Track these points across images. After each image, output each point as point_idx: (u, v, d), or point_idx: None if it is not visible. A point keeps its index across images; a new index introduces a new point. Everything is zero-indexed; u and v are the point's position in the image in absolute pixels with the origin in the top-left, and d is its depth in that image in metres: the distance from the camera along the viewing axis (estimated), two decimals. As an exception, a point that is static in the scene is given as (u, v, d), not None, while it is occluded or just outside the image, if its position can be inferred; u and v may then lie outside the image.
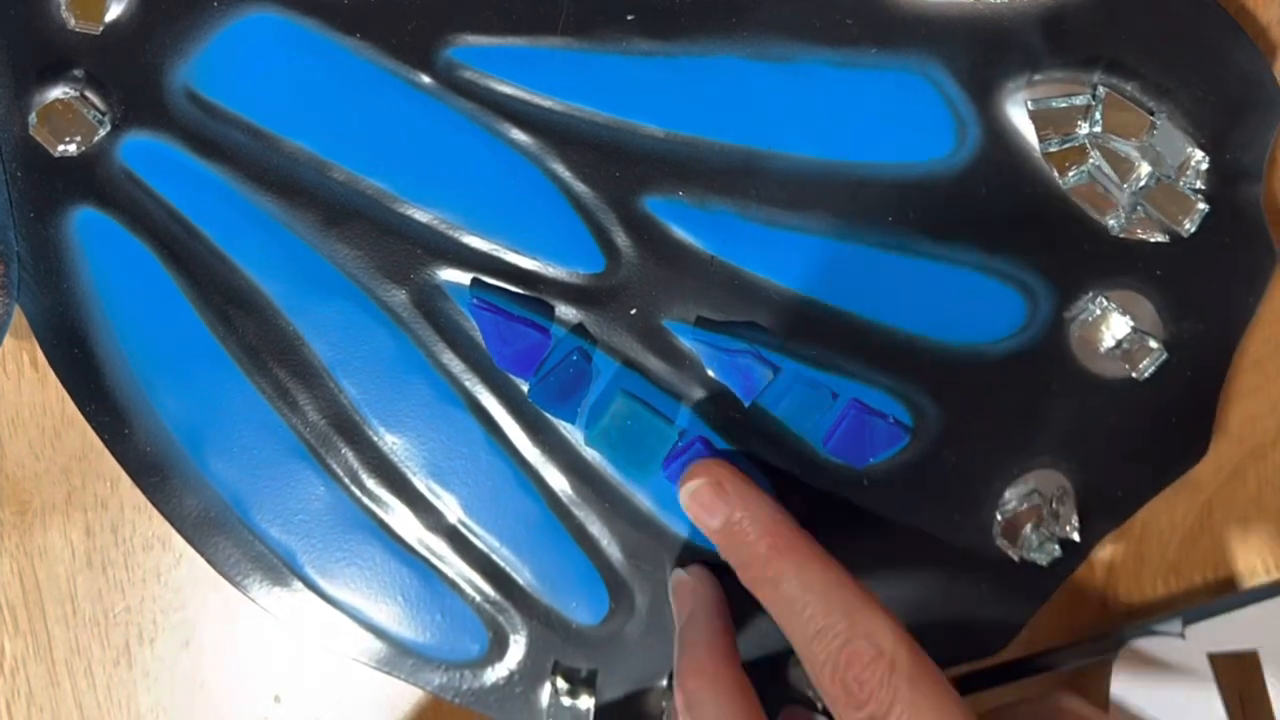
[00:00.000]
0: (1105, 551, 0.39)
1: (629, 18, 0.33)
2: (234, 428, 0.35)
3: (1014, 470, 0.36)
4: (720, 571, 0.36)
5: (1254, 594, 0.36)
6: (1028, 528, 0.36)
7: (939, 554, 0.36)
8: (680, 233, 0.34)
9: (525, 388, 0.35)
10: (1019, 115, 0.33)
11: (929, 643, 0.36)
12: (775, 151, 0.34)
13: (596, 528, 0.36)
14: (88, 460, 0.37)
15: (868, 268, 0.34)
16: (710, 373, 0.34)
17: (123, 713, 0.39)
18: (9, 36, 0.33)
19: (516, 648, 0.37)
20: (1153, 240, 0.34)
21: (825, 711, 0.37)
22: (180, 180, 0.34)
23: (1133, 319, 0.34)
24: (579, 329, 0.35)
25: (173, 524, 0.36)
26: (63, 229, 0.34)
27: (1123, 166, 0.33)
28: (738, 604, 0.36)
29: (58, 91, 0.33)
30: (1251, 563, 0.39)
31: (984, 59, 0.33)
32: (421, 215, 0.34)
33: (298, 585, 0.36)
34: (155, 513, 0.36)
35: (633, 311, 0.34)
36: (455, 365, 0.35)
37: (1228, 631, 0.36)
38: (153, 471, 0.36)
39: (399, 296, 0.35)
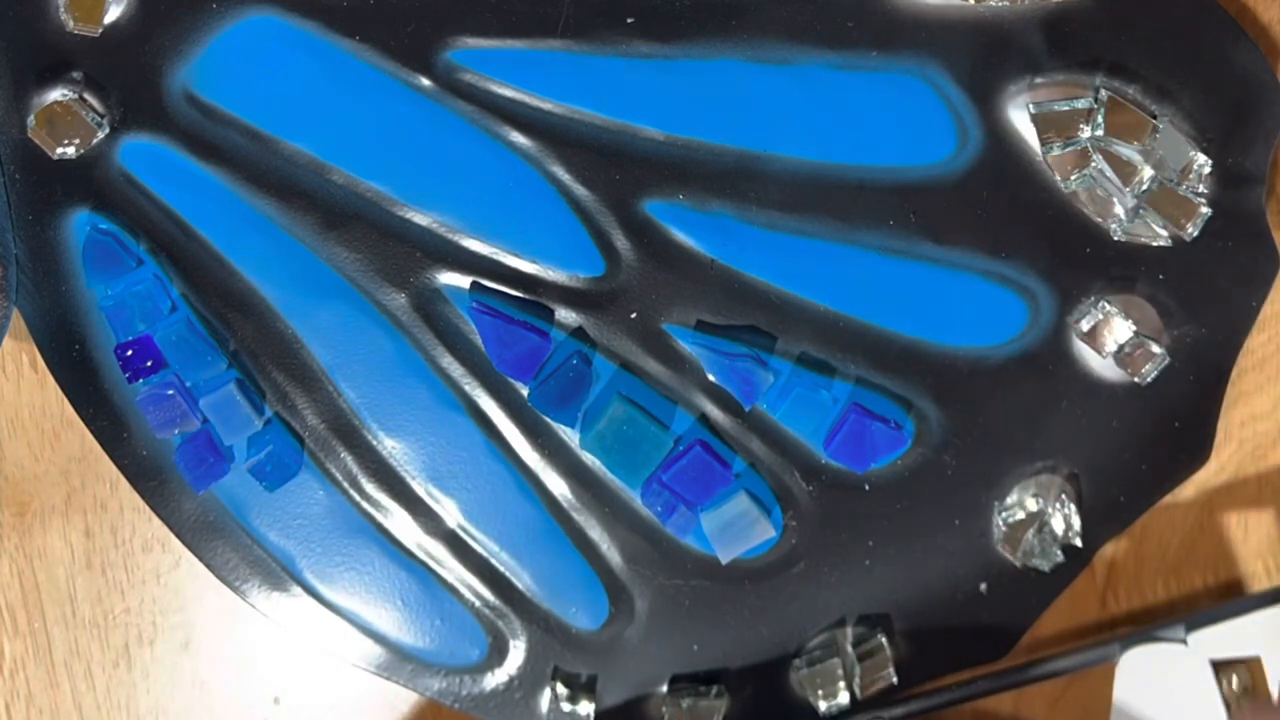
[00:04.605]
0: (1105, 553, 0.38)
1: (629, 20, 0.33)
2: (232, 431, 0.35)
3: (1015, 475, 0.36)
4: (714, 572, 0.36)
5: (1258, 600, 0.36)
6: (1029, 533, 0.35)
7: (940, 559, 0.36)
8: (680, 236, 0.34)
9: (525, 392, 0.35)
10: (1020, 118, 0.33)
11: (930, 649, 0.37)
12: (775, 154, 0.34)
13: (596, 532, 0.36)
14: (87, 462, 0.37)
15: (868, 271, 0.34)
16: (710, 377, 0.34)
17: (122, 714, 0.39)
18: (7, 38, 0.33)
19: (516, 653, 0.37)
20: (1155, 244, 0.34)
21: (829, 715, 0.37)
22: (179, 183, 0.34)
23: (1135, 323, 0.34)
24: (579, 333, 0.34)
25: (171, 528, 0.36)
26: (61, 232, 0.34)
27: (1125, 170, 0.33)
28: (736, 606, 0.36)
29: (56, 93, 0.33)
30: (1253, 565, 0.39)
31: (985, 62, 0.33)
32: (421, 218, 0.34)
33: (296, 590, 0.36)
34: (155, 515, 0.36)
35: (633, 315, 0.34)
36: (455, 369, 0.35)
37: (1231, 638, 0.36)
38: (151, 475, 0.36)
39: (398, 300, 0.35)
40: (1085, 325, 0.34)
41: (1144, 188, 0.33)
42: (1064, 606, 0.38)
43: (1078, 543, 0.36)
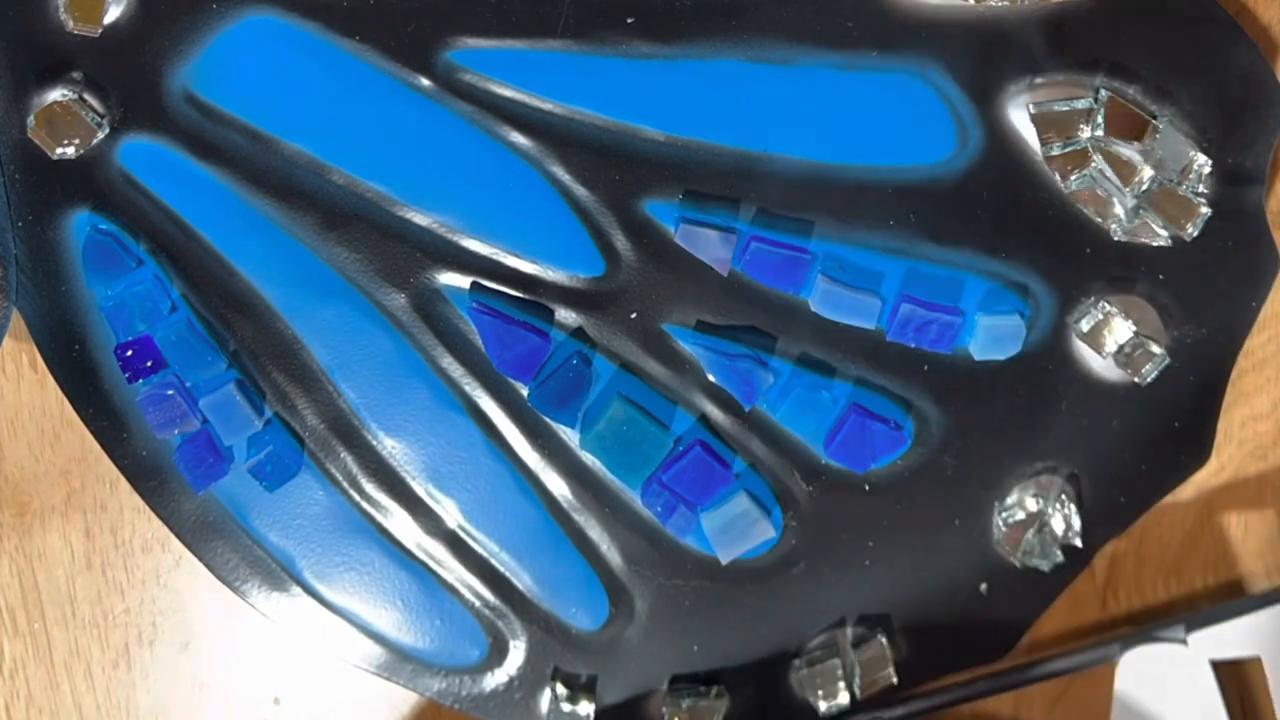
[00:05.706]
0: (1105, 553, 0.38)
1: (629, 20, 0.33)
2: (231, 432, 0.35)
3: (1015, 475, 0.36)
4: (714, 572, 0.36)
5: (1258, 600, 0.36)
6: (1029, 533, 0.35)
7: (940, 559, 0.36)
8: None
9: (525, 392, 0.35)
10: (1020, 118, 0.33)
11: (930, 649, 0.37)
12: (775, 154, 0.34)
13: (596, 533, 0.36)
14: (87, 462, 0.37)
15: (868, 272, 0.34)
16: (710, 377, 0.34)
17: (122, 714, 0.39)
18: (7, 38, 0.33)
19: (516, 653, 0.37)
20: (1155, 244, 0.34)
21: (830, 715, 0.37)
22: (179, 183, 0.34)
23: (1135, 323, 0.34)
24: (579, 333, 0.34)
25: (171, 528, 0.36)
26: (61, 232, 0.34)
27: (1125, 170, 0.33)
28: (736, 607, 0.36)
29: (56, 94, 0.33)
30: (1253, 565, 0.39)
31: (985, 62, 0.33)
32: (421, 219, 0.34)
33: (296, 590, 0.36)
34: (155, 515, 0.36)
35: (633, 315, 0.34)
36: (455, 369, 0.35)
37: (1231, 638, 0.36)
38: (150, 475, 0.36)
39: (398, 300, 0.35)
40: (1085, 325, 0.34)
41: (1144, 188, 0.33)
42: (1064, 606, 0.38)
43: (1078, 543, 0.36)
